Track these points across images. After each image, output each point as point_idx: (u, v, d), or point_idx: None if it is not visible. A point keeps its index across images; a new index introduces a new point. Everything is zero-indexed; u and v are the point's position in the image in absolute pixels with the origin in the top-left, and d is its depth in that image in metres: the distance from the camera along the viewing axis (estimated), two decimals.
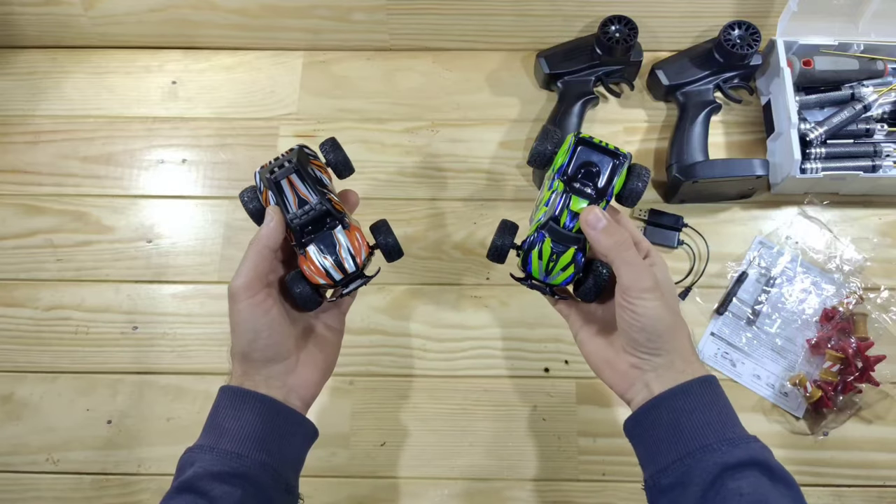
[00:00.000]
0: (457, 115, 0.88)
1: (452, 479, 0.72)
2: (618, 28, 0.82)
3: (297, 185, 0.51)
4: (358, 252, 0.51)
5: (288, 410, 0.50)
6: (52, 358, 0.77)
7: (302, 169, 0.51)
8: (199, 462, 0.47)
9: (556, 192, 0.52)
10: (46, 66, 0.92)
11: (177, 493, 0.46)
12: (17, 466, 0.73)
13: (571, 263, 0.51)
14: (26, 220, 0.83)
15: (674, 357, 0.48)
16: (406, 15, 0.88)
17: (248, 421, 0.48)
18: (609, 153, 0.52)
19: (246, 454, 0.47)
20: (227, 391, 0.50)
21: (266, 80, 0.91)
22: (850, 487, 0.71)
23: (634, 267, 0.48)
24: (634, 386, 0.50)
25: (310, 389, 0.53)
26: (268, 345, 0.50)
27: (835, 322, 0.75)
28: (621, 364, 0.51)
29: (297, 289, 0.51)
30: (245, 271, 0.49)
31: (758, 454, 0.45)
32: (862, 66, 0.83)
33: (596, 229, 0.49)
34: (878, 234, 0.81)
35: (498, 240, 0.53)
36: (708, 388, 0.48)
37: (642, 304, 0.47)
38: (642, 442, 0.50)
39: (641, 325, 0.47)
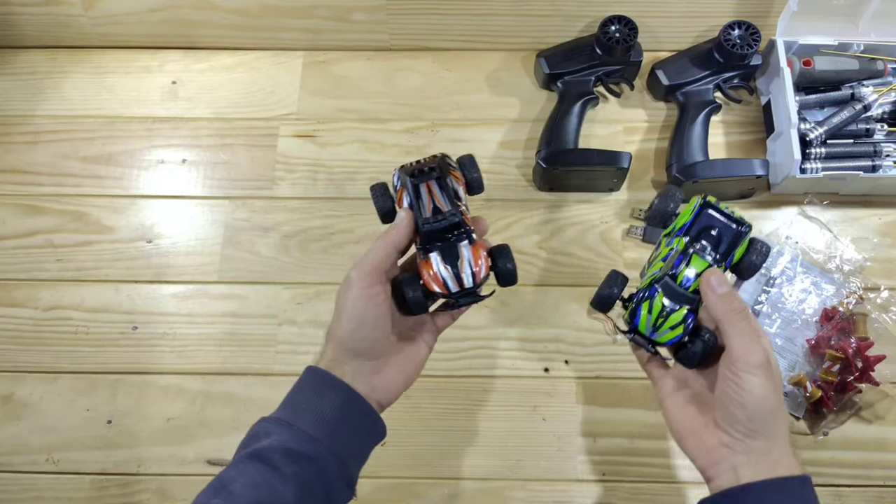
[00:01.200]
0: (457, 115, 0.88)
1: (452, 479, 0.72)
2: (618, 28, 0.82)
3: (435, 192, 0.52)
4: (479, 270, 0.51)
5: (366, 406, 0.50)
6: (52, 358, 0.77)
7: (443, 177, 0.52)
8: (275, 434, 0.47)
9: (676, 250, 0.51)
10: (46, 66, 0.92)
11: (249, 459, 0.46)
12: (17, 466, 0.73)
13: (681, 324, 0.50)
14: (26, 220, 0.83)
15: (771, 444, 0.46)
16: (406, 15, 0.88)
17: (328, 406, 0.48)
18: (733, 220, 0.51)
19: (321, 439, 0.47)
20: (313, 372, 0.51)
21: (266, 80, 0.91)
22: (850, 487, 0.71)
23: (748, 339, 0.46)
24: (720, 465, 0.47)
25: (389, 394, 0.53)
26: (367, 337, 0.50)
27: (835, 322, 0.75)
28: (710, 439, 0.48)
29: (411, 291, 0.51)
30: (368, 261, 0.50)
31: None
32: (862, 66, 0.83)
33: (716, 292, 0.48)
34: (878, 234, 0.81)
35: (606, 289, 0.52)
36: (803, 490, 0.45)
37: (749, 380, 0.45)
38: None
39: (744, 401, 0.45)
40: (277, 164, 0.86)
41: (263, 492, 0.44)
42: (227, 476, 0.46)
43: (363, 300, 0.49)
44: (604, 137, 0.86)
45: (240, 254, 0.82)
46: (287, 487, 0.45)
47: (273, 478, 0.45)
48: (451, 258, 0.51)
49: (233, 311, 0.79)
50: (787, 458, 0.46)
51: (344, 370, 0.50)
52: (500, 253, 0.53)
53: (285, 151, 0.86)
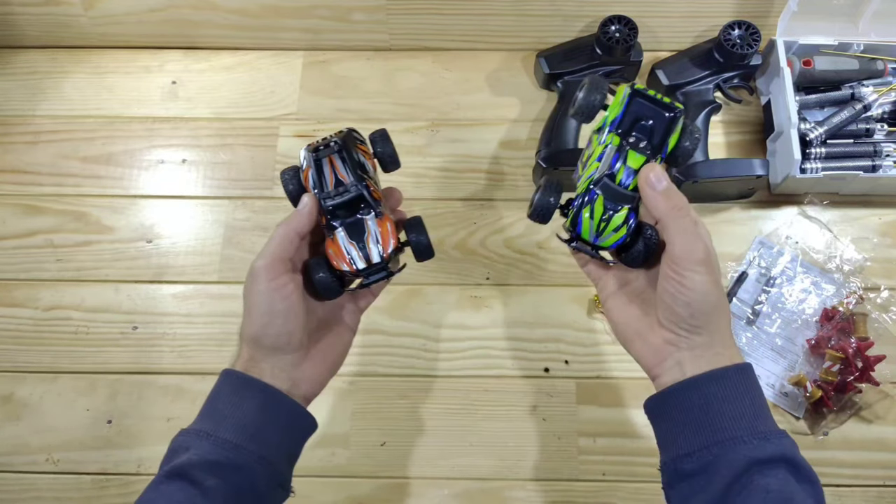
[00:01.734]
0: (457, 115, 0.88)
1: (452, 479, 0.72)
2: (618, 28, 0.82)
3: (338, 166, 0.50)
4: (385, 243, 0.50)
5: (290, 403, 0.49)
6: (52, 358, 0.77)
7: (346, 150, 0.50)
8: (194, 448, 0.45)
9: (611, 147, 0.48)
10: (46, 66, 0.92)
11: (167, 478, 0.44)
12: (17, 466, 0.73)
13: (624, 224, 0.48)
14: (26, 220, 0.83)
15: (714, 338, 0.46)
16: (406, 15, 0.88)
17: (248, 409, 0.47)
18: (664, 106, 0.48)
19: (244, 445, 0.45)
20: (230, 375, 0.49)
21: (266, 80, 0.91)
22: (850, 487, 0.71)
23: (690, 236, 0.45)
24: (665, 362, 0.47)
25: (314, 385, 0.51)
26: (280, 332, 0.48)
27: (835, 322, 0.75)
28: (654, 338, 0.48)
29: (319, 274, 0.49)
30: (269, 252, 0.48)
31: (787, 451, 0.44)
32: (862, 66, 0.83)
33: (656, 189, 0.46)
34: (878, 234, 0.81)
35: (544, 198, 0.49)
36: (744, 377, 0.46)
37: (692, 277, 0.44)
38: (666, 422, 0.47)
39: (687, 299, 0.45)
40: (277, 164, 0.86)
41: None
42: (147, 499, 0.44)
43: (270, 293, 0.47)
44: None
45: (240, 254, 0.82)
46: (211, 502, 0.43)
47: (196, 495, 0.43)
48: (357, 234, 0.49)
49: (233, 311, 0.79)
50: (728, 350, 0.46)
51: (262, 369, 0.48)
52: (413, 225, 0.52)
53: (285, 151, 0.86)
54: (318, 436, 0.73)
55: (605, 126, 0.49)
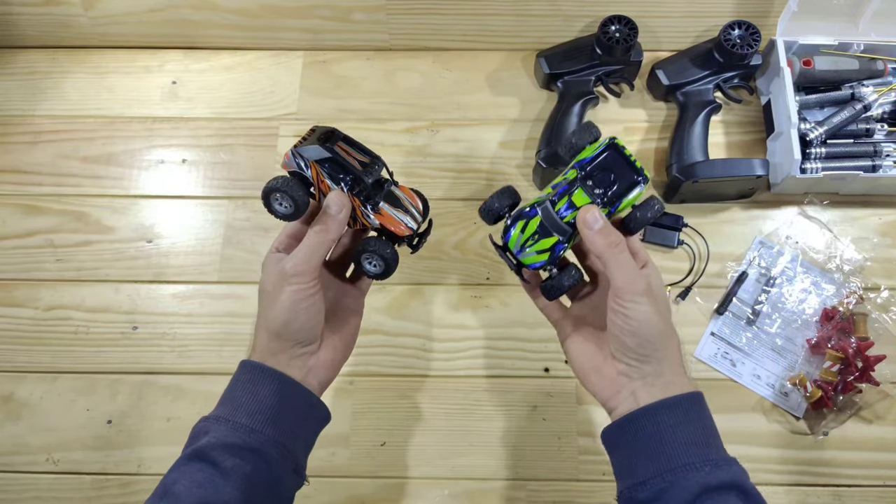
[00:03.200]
0: (457, 115, 0.88)
1: (452, 479, 0.72)
2: (618, 28, 0.82)
3: (348, 149, 0.51)
4: (416, 204, 0.54)
5: (304, 392, 0.51)
6: (52, 358, 0.77)
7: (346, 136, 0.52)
8: (213, 432, 0.47)
9: (566, 179, 0.51)
10: (46, 66, 0.92)
11: (189, 459, 0.46)
12: (17, 466, 0.73)
13: (548, 251, 0.51)
14: (26, 220, 0.83)
15: (663, 367, 0.48)
16: (406, 15, 0.88)
17: (264, 396, 0.49)
18: (633, 169, 0.51)
19: (259, 429, 0.47)
20: (247, 366, 0.51)
21: (266, 80, 0.91)
22: (850, 487, 0.71)
23: (628, 269, 0.47)
24: (620, 394, 0.49)
25: (328, 372, 0.53)
26: (302, 329, 0.50)
27: (835, 322, 0.75)
28: (609, 370, 0.50)
29: (387, 251, 0.52)
30: (304, 258, 0.49)
31: (738, 478, 0.45)
32: (862, 66, 0.83)
33: (592, 229, 0.48)
34: (878, 234, 0.81)
35: (495, 201, 0.52)
36: (695, 405, 0.48)
37: (634, 308, 0.47)
38: (621, 452, 0.49)
39: (632, 328, 0.47)
40: (277, 164, 0.86)
41: (207, 489, 0.45)
42: (169, 479, 0.46)
43: (297, 296, 0.49)
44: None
45: (240, 254, 0.82)
46: (229, 482, 0.45)
47: (215, 474, 0.45)
48: (397, 202, 0.53)
49: (233, 311, 0.79)
50: (678, 379, 0.48)
51: (278, 359, 0.50)
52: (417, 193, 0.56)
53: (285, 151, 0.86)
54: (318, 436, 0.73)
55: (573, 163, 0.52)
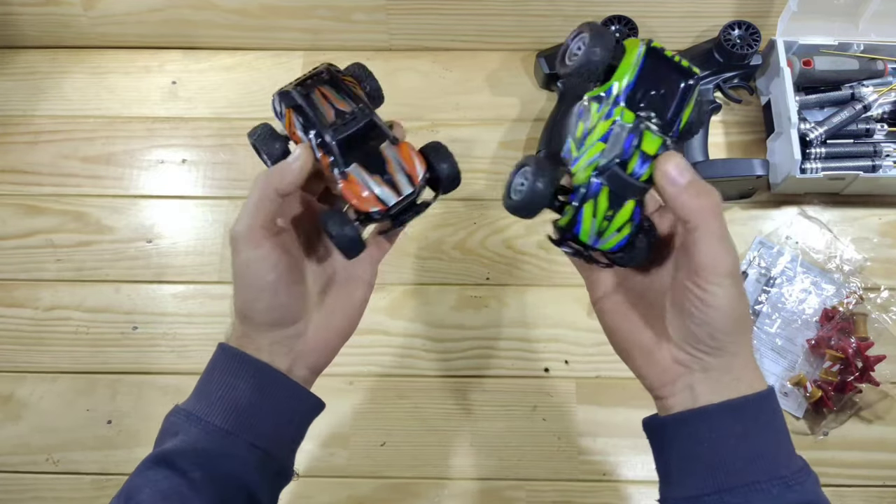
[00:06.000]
0: (457, 115, 0.88)
1: (452, 479, 0.72)
2: (618, 28, 0.82)
3: (331, 96, 0.42)
4: (412, 168, 0.42)
5: (289, 384, 0.44)
6: (52, 358, 0.77)
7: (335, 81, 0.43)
8: (183, 433, 0.42)
9: (621, 125, 0.38)
10: (46, 66, 0.92)
11: (154, 464, 0.41)
12: (17, 466, 0.73)
13: (629, 222, 0.39)
14: (26, 220, 0.83)
15: (733, 361, 0.39)
16: (406, 15, 0.88)
17: (242, 392, 0.42)
18: (682, 72, 0.39)
19: (234, 432, 0.41)
20: (225, 351, 0.44)
21: (266, 80, 0.91)
22: (850, 487, 0.71)
23: (719, 243, 0.37)
24: (675, 384, 0.40)
25: (322, 356, 0.46)
26: (272, 306, 0.42)
27: (835, 322, 0.75)
28: (662, 355, 0.41)
29: (335, 230, 0.41)
30: (246, 216, 0.41)
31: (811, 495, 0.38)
32: (862, 66, 0.83)
33: (679, 185, 0.37)
34: (878, 234, 0.81)
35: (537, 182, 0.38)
36: (765, 408, 0.39)
37: (715, 292, 0.36)
38: (670, 453, 0.41)
39: (708, 318, 0.37)
40: None
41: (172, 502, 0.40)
42: (132, 485, 0.41)
43: (253, 265, 0.41)
44: None
45: None
46: (198, 494, 0.40)
47: (182, 485, 0.40)
48: (377, 166, 0.42)
49: None
50: (748, 374, 0.39)
51: (259, 345, 0.43)
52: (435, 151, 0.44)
53: None
54: (318, 436, 0.73)
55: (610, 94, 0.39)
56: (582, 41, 0.39)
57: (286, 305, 0.43)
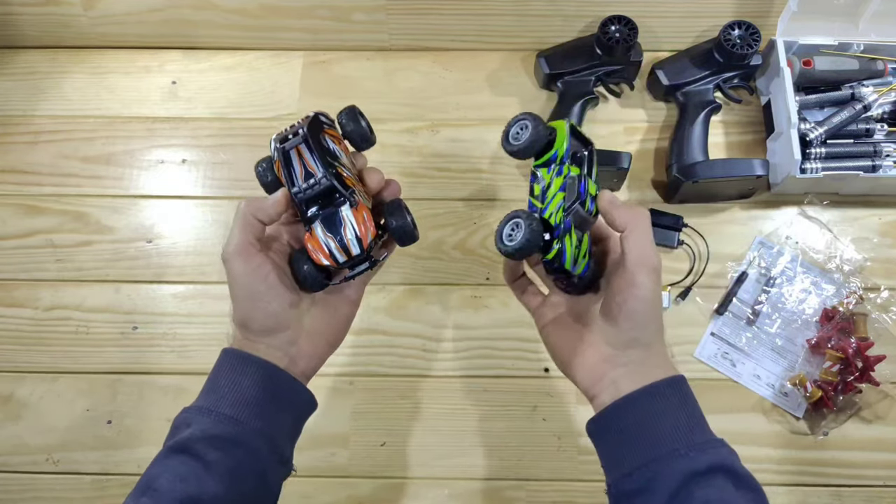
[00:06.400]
0: (457, 115, 0.88)
1: (452, 479, 0.72)
2: (618, 28, 0.82)
3: (306, 157, 0.48)
4: (363, 234, 0.48)
5: (288, 379, 0.49)
6: (52, 358, 0.77)
7: (312, 139, 0.48)
8: (195, 424, 0.46)
9: (572, 177, 0.49)
10: (46, 66, 0.92)
11: (171, 452, 0.45)
12: (16, 466, 0.73)
13: (588, 249, 0.50)
14: (26, 220, 0.83)
15: (649, 353, 0.47)
16: (406, 15, 0.88)
17: (247, 386, 0.47)
18: (586, 141, 0.52)
19: (243, 420, 0.46)
20: (228, 354, 0.49)
21: (266, 80, 0.91)
22: (850, 487, 0.71)
23: (649, 244, 0.46)
24: (602, 382, 0.48)
25: (312, 361, 0.51)
26: (267, 314, 0.48)
27: (835, 322, 0.75)
28: (591, 357, 0.49)
29: (302, 267, 0.48)
30: (234, 236, 0.47)
31: (725, 459, 0.44)
32: (862, 66, 0.83)
33: (616, 205, 0.48)
34: (878, 234, 0.81)
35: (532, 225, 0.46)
36: (677, 389, 0.47)
37: (644, 283, 0.45)
38: (606, 444, 0.48)
39: (633, 308, 0.46)
40: None
41: (190, 484, 0.43)
42: (151, 473, 0.44)
43: (247, 277, 0.47)
44: (604, 137, 0.86)
45: None
46: (213, 475, 0.44)
47: (198, 467, 0.44)
48: (334, 226, 0.48)
49: None
50: (661, 364, 0.48)
51: (257, 348, 0.48)
52: (392, 209, 0.50)
53: None
54: (318, 436, 0.73)
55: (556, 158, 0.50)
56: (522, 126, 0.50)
57: (279, 313, 0.48)
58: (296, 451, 0.51)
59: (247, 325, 0.48)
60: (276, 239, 0.51)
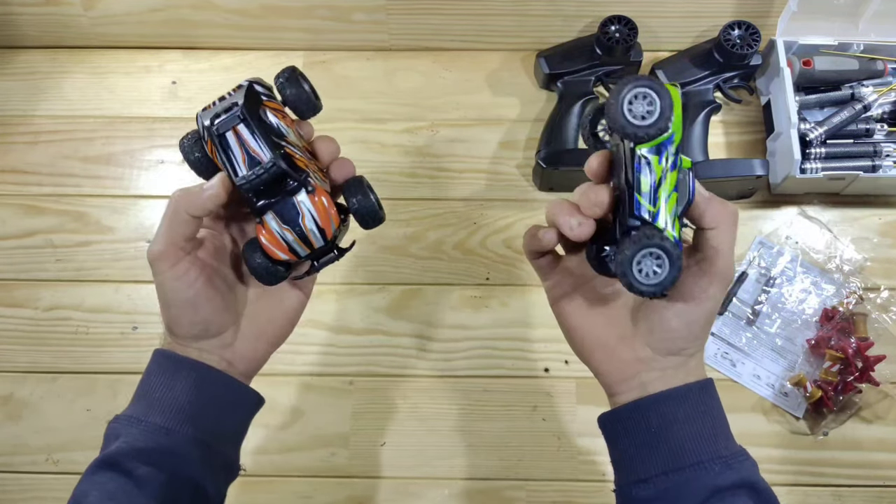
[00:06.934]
0: (457, 115, 0.88)
1: (452, 479, 0.72)
2: (618, 28, 0.82)
3: (246, 139, 0.40)
4: (325, 222, 0.42)
5: (225, 379, 0.45)
6: (52, 358, 0.77)
7: (250, 116, 0.40)
8: (124, 436, 0.43)
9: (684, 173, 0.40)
10: (46, 66, 0.92)
11: (99, 468, 0.42)
12: (17, 466, 0.73)
13: None
14: (26, 220, 0.83)
15: (689, 361, 0.44)
16: (406, 15, 0.88)
17: (180, 390, 0.44)
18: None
19: (175, 428, 0.43)
20: (159, 356, 0.45)
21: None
22: (850, 487, 0.71)
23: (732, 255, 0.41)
24: (630, 381, 0.44)
25: (251, 364, 0.47)
26: (193, 321, 0.44)
27: (835, 322, 0.75)
28: (623, 353, 0.44)
29: (255, 261, 0.43)
30: (161, 236, 0.42)
31: (749, 475, 0.42)
32: (862, 66, 0.83)
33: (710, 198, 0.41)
34: (878, 234, 0.81)
35: (677, 265, 0.38)
36: (705, 395, 0.43)
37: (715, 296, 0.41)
38: (621, 442, 0.45)
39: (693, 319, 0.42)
40: None
41: (120, 502, 0.41)
42: (80, 491, 0.42)
43: (171, 283, 0.43)
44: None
45: None
46: (144, 491, 0.41)
47: (127, 484, 0.41)
48: (291, 217, 0.42)
49: None
50: (697, 373, 0.44)
51: (189, 352, 0.45)
52: (353, 188, 0.43)
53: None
54: (318, 436, 0.73)
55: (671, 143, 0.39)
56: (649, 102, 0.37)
57: (208, 319, 0.44)
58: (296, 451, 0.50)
59: (174, 330, 0.45)
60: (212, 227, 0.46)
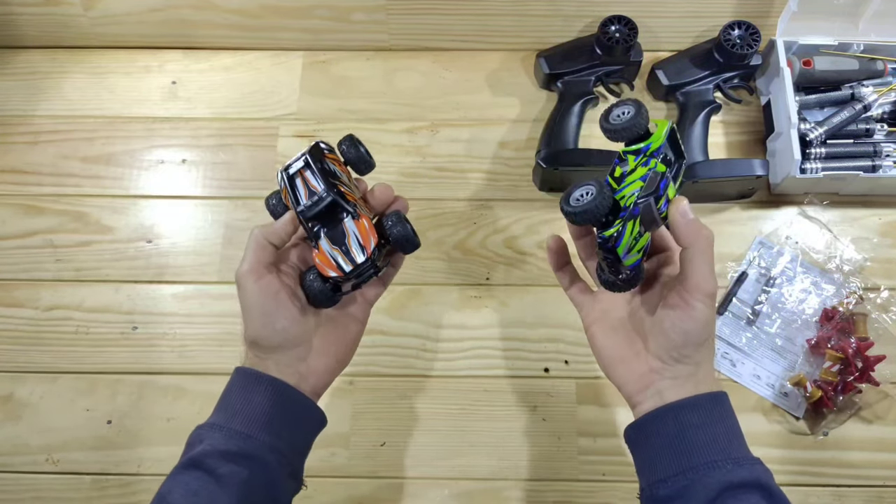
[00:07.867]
0: (457, 115, 0.88)
1: (452, 479, 0.72)
2: (618, 28, 0.82)
3: (308, 179, 0.51)
4: (367, 241, 0.50)
5: (298, 395, 0.50)
6: (52, 358, 0.77)
7: (313, 162, 0.52)
8: (207, 440, 0.47)
9: (657, 173, 0.47)
10: (46, 66, 0.92)
11: (184, 468, 0.46)
12: (16, 466, 0.73)
13: (643, 249, 0.48)
14: (26, 220, 0.83)
15: (698, 370, 0.48)
16: (406, 15, 0.88)
17: (258, 403, 0.49)
18: (680, 153, 0.49)
19: (254, 435, 0.47)
20: (240, 372, 0.51)
21: (266, 80, 0.91)
22: (850, 487, 0.71)
23: (708, 268, 0.46)
24: (647, 390, 0.49)
25: (321, 378, 0.52)
26: (276, 331, 0.49)
27: (835, 322, 0.75)
28: (640, 366, 0.49)
29: (311, 285, 0.51)
30: (248, 257, 0.50)
31: (761, 477, 0.45)
32: (862, 66, 0.83)
33: (688, 218, 0.47)
34: (878, 234, 0.81)
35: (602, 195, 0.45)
36: (718, 404, 0.48)
37: (699, 307, 0.46)
38: (643, 450, 0.49)
39: (687, 327, 0.46)
40: (277, 164, 0.86)
41: (202, 498, 0.45)
42: (164, 489, 0.46)
43: (258, 294, 0.49)
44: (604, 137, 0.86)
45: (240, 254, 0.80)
46: (224, 489, 0.45)
47: (210, 482, 0.45)
48: (339, 239, 0.51)
49: (233, 311, 0.79)
50: (708, 381, 0.48)
51: (267, 366, 0.50)
52: (391, 220, 0.52)
53: (285, 151, 0.86)
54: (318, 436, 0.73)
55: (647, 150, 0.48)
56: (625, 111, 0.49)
57: (288, 329, 0.50)
58: None
59: (258, 342, 0.50)
60: (285, 261, 0.53)
